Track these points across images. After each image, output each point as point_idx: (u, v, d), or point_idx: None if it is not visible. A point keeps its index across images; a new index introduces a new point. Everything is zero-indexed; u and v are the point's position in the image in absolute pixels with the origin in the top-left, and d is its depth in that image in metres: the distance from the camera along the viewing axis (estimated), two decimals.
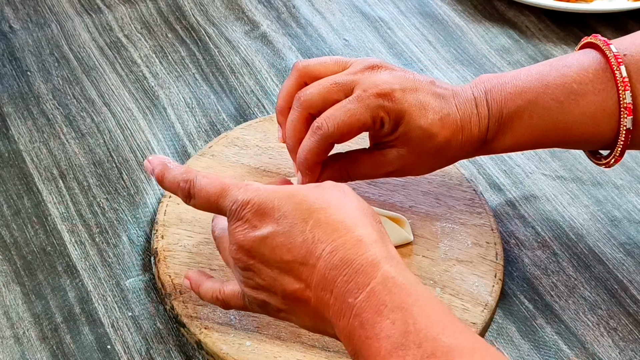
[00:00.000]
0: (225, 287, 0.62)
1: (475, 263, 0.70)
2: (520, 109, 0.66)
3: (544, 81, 0.66)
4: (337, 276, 0.52)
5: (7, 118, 0.82)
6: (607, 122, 0.65)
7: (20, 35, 0.91)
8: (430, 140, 0.66)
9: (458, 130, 0.66)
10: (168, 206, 0.73)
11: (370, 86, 0.64)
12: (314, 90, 0.66)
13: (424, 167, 0.69)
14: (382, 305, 0.50)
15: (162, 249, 0.70)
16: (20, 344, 0.66)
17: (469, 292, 0.68)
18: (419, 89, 0.66)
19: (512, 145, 0.68)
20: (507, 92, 0.67)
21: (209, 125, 0.83)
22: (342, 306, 0.52)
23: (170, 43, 0.92)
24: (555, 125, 0.66)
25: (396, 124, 0.65)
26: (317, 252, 0.53)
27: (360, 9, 0.99)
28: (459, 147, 0.67)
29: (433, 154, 0.67)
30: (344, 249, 0.53)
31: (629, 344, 0.68)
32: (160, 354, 0.66)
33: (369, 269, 0.52)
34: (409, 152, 0.66)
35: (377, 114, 0.64)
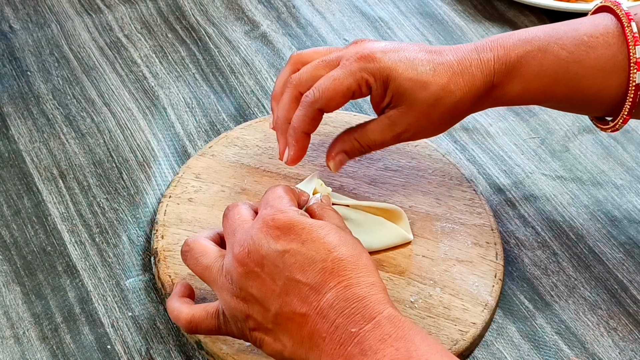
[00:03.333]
0: (195, 309, 0.61)
1: (475, 263, 0.70)
2: (529, 54, 0.66)
3: (554, 32, 0.66)
4: (345, 307, 0.54)
5: (7, 118, 0.82)
6: (616, 76, 0.65)
7: (20, 35, 0.91)
8: (424, 90, 0.66)
9: (456, 75, 0.66)
10: (168, 206, 0.73)
11: (352, 54, 0.67)
12: (303, 69, 0.69)
13: (432, 123, 0.68)
14: (387, 335, 0.53)
15: (162, 249, 0.70)
16: (20, 344, 0.66)
17: (469, 292, 0.68)
18: (403, 49, 0.67)
19: (521, 93, 0.67)
20: (515, 38, 0.67)
21: (209, 125, 0.83)
22: (343, 335, 0.53)
23: (170, 43, 0.92)
24: (564, 75, 0.65)
25: (384, 84, 0.66)
26: (332, 283, 0.55)
27: (360, 9, 0.99)
28: (462, 94, 0.66)
29: (433, 104, 0.66)
30: (359, 286, 0.55)
31: (629, 344, 0.68)
32: (160, 354, 0.66)
33: (378, 306, 0.54)
34: (409, 108, 0.66)
35: (360, 77, 0.66)
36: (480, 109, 0.69)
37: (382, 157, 0.77)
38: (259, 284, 0.56)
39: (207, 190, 0.74)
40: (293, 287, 0.55)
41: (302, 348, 0.55)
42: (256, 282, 0.56)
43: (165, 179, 0.78)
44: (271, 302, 0.56)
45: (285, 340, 0.56)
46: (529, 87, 0.66)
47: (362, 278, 0.55)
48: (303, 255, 0.55)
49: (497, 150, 0.83)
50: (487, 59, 0.66)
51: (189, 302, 0.63)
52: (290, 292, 0.55)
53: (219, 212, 0.68)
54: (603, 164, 0.82)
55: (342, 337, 0.53)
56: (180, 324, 0.61)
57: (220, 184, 0.75)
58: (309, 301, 0.55)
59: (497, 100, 0.68)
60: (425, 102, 0.66)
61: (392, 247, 0.71)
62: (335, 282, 0.55)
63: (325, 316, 0.54)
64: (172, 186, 0.74)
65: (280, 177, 0.76)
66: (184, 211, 0.72)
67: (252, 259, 0.56)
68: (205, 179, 0.75)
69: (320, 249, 0.56)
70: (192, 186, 0.74)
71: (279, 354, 0.57)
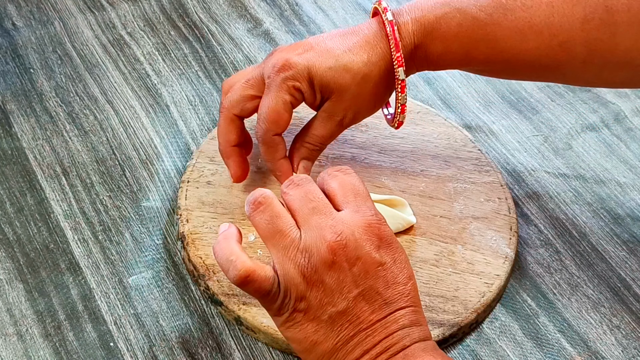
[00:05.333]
0: (257, 265, 0.57)
1: (490, 218, 0.74)
2: (447, 14, 0.67)
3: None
4: (406, 325, 0.57)
5: (10, 115, 0.82)
6: (533, 39, 0.66)
7: (23, 33, 0.91)
8: (347, 72, 0.67)
9: (374, 46, 0.68)
10: (188, 191, 0.74)
11: (270, 69, 0.68)
12: (231, 92, 0.71)
13: (367, 100, 0.69)
14: (430, 350, 0.57)
15: (189, 232, 0.70)
16: (23, 341, 0.66)
17: (488, 246, 0.72)
18: (317, 43, 0.69)
19: (443, 54, 0.68)
20: (434, 1, 0.68)
21: (212, 122, 0.83)
22: (395, 345, 0.56)
23: (173, 40, 0.92)
24: (484, 37, 0.67)
25: (310, 84, 0.68)
26: (404, 304, 0.57)
27: (362, 6, 0.98)
28: (385, 63, 0.67)
29: (361, 83, 0.68)
30: (421, 315, 0.58)
31: (631, 342, 0.68)
32: (162, 351, 0.66)
33: (429, 335, 0.58)
34: (340, 94, 0.68)
35: (287, 88, 0.68)
36: (409, 73, 0.70)
37: (387, 126, 0.78)
38: (339, 279, 0.56)
39: (224, 172, 0.75)
40: (371, 297, 0.56)
41: (343, 348, 0.56)
42: (337, 275, 0.56)
43: (168, 176, 0.78)
44: (341, 299, 0.56)
45: (331, 336, 0.56)
46: (450, 48, 0.68)
47: (422, 310, 0.59)
48: (392, 273, 0.57)
49: (500, 148, 0.83)
50: (404, 22, 0.68)
51: (243, 251, 0.59)
52: (365, 300, 0.56)
53: (239, 192, 0.73)
54: (606, 162, 0.82)
55: (392, 346, 0.56)
56: (233, 273, 0.57)
57: None
58: (378, 312, 0.56)
59: (422, 62, 0.69)
60: (352, 83, 0.67)
61: (397, 232, 0.72)
62: (406, 305, 0.57)
63: (386, 328, 0.56)
64: (189, 171, 0.75)
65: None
66: (204, 194, 0.73)
67: (345, 253, 0.56)
68: (220, 161, 0.76)
69: (404, 273, 0.58)
70: (209, 169, 0.76)
71: (312, 344, 0.57)
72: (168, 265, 0.71)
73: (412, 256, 0.70)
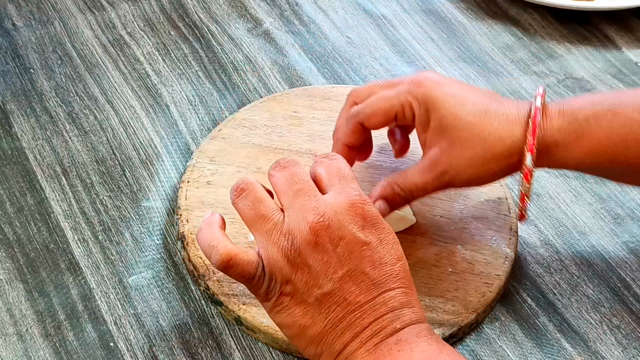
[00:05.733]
0: (239, 249, 0.58)
1: (490, 219, 0.74)
2: (599, 113, 0.62)
3: (623, 95, 0.65)
4: (397, 307, 0.56)
5: (10, 115, 0.82)
6: None
7: (23, 33, 0.91)
8: (468, 129, 0.63)
9: (511, 123, 0.63)
10: (188, 191, 0.74)
11: (408, 79, 0.67)
12: (363, 85, 0.71)
13: (475, 168, 0.64)
14: (424, 334, 0.56)
15: (189, 232, 0.71)
16: (23, 341, 0.66)
17: (488, 246, 0.72)
18: (459, 86, 0.66)
19: (586, 155, 0.63)
20: (583, 99, 0.64)
21: (212, 122, 0.83)
22: (386, 328, 0.56)
23: (173, 40, 0.92)
24: (637, 138, 0.62)
25: (427, 112, 0.65)
26: (393, 285, 0.56)
27: (363, 7, 0.99)
28: (512, 143, 0.63)
29: (478, 147, 0.63)
30: (412, 297, 0.57)
31: (631, 342, 0.68)
32: (163, 351, 0.66)
33: (422, 318, 0.57)
34: (450, 145, 0.64)
35: (405, 99, 0.66)
36: (537, 166, 0.64)
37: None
38: (323, 260, 0.56)
39: (224, 172, 0.75)
40: (357, 277, 0.56)
41: (333, 332, 0.56)
42: (320, 256, 0.56)
43: (168, 176, 0.78)
44: (326, 281, 0.56)
45: (319, 319, 0.56)
46: (597, 149, 0.62)
47: (414, 292, 0.58)
48: (378, 253, 0.56)
49: None
50: (551, 112, 0.63)
51: (226, 236, 0.59)
52: (352, 280, 0.56)
53: None
54: None
55: (383, 329, 0.55)
56: (216, 257, 0.57)
57: (236, 165, 0.76)
58: (366, 294, 0.56)
59: (556, 160, 0.64)
60: (467, 142, 0.63)
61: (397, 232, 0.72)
62: (395, 286, 0.56)
63: (376, 310, 0.56)
64: (189, 171, 0.75)
65: (293, 154, 0.77)
66: (204, 194, 0.73)
67: (328, 234, 0.56)
68: (219, 161, 0.76)
69: (392, 253, 0.57)
70: (208, 169, 0.76)
71: (301, 328, 0.57)
72: (168, 265, 0.71)
73: (412, 256, 0.70)
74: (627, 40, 0.96)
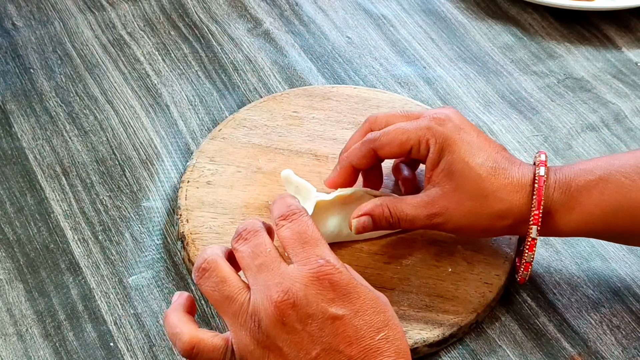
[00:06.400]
0: (201, 335, 0.55)
1: None
2: (590, 183, 0.63)
3: (614, 161, 0.64)
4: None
5: (10, 115, 0.82)
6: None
7: (23, 33, 0.91)
8: (474, 181, 0.64)
9: (513, 187, 0.64)
10: (188, 191, 0.74)
11: (431, 113, 0.66)
12: (381, 112, 0.70)
13: (468, 219, 0.65)
14: None
15: (189, 232, 0.70)
16: (23, 341, 0.66)
17: (488, 246, 0.71)
18: (479, 137, 0.66)
19: (580, 224, 0.64)
20: (576, 168, 0.65)
21: (212, 123, 0.83)
22: None
23: (173, 40, 0.92)
24: (628, 204, 0.63)
25: (441, 152, 0.65)
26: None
27: (363, 7, 0.99)
28: (509, 207, 0.64)
29: (478, 200, 0.64)
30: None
31: (632, 342, 0.68)
32: (162, 351, 0.66)
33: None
34: (452, 190, 0.64)
35: (423, 135, 0.65)
36: (523, 234, 0.66)
37: None
38: (294, 341, 0.52)
39: (224, 172, 0.75)
40: (332, 356, 0.51)
41: None
42: (290, 337, 0.52)
43: (168, 176, 0.78)
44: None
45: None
46: (589, 218, 0.64)
47: None
48: (354, 327, 0.52)
49: None
50: (550, 184, 0.64)
51: (193, 322, 0.56)
52: None
53: (239, 192, 0.73)
54: None
55: None
56: (180, 345, 0.55)
57: (236, 165, 0.76)
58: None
59: (552, 229, 0.65)
60: (469, 192, 0.64)
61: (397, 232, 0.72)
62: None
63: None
64: (189, 171, 0.75)
65: (293, 154, 0.77)
66: (204, 194, 0.73)
67: (295, 313, 0.52)
68: (219, 161, 0.76)
69: (370, 325, 0.52)
70: (209, 169, 0.76)
71: None
72: (168, 265, 0.72)
73: (412, 256, 0.70)
74: (627, 40, 0.96)
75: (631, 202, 0.63)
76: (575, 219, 0.64)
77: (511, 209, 0.64)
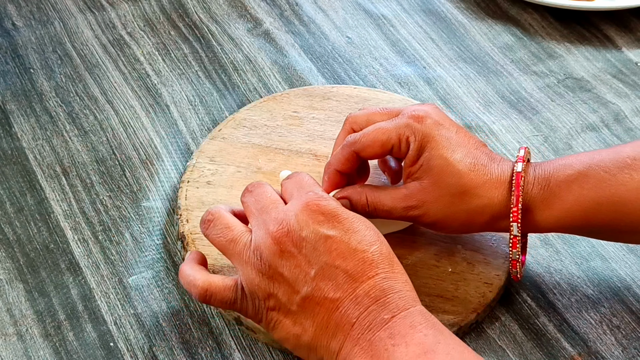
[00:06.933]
0: (213, 278, 0.60)
1: None
2: (569, 178, 0.63)
3: (594, 156, 0.64)
4: (380, 297, 0.55)
5: (10, 115, 0.82)
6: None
7: (23, 33, 0.91)
8: (453, 177, 0.64)
9: (492, 184, 0.64)
10: (188, 191, 0.74)
11: (409, 111, 0.66)
12: (361, 111, 0.70)
13: (445, 213, 0.65)
14: (418, 323, 0.55)
15: (189, 232, 0.71)
16: (23, 341, 0.66)
17: (488, 246, 0.72)
18: (458, 133, 0.66)
19: (560, 219, 0.64)
20: (556, 163, 0.65)
21: (212, 123, 0.83)
22: (374, 321, 0.55)
23: (173, 40, 0.92)
24: (608, 199, 0.62)
25: (421, 148, 0.65)
26: (371, 273, 0.56)
27: (363, 7, 0.99)
28: (488, 203, 0.64)
29: (456, 196, 0.64)
30: (395, 281, 0.56)
31: (632, 342, 0.68)
32: (163, 351, 0.66)
33: (411, 300, 0.56)
34: (431, 185, 0.64)
35: (403, 133, 0.65)
36: (502, 230, 0.66)
37: None
38: (293, 265, 0.56)
39: (224, 172, 0.75)
40: (330, 273, 0.55)
41: (324, 334, 0.56)
42: (289, 262, 0.56)
43: (168, 176, 0.78)
44: (302, 285, 0.56)
45: (308, 324, 0.56)
46: (569, 213, 0.63)
47: (397, 275, 0.57)
48: (346, 243, 0.56)
49: (500, 148, 0.83)
50: (529, 179, 0.64)
51: (204, 270, 0.62)
52: (325, 277, 0.55)
53: (239, 192, 0.73)
54: None
55: (372, 322, 0.54)
56: (195, 290, 0.60)
57: (235, 165, 0.76)
58: (344, 288, 0.55)
59: (532, 225, 0.65)
60: (448, 188, 0.64)
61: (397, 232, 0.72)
62: (373, 273, 0.56)
63: (358, 303, 0.55)
64: (189, 171, 0.75)
65: (293, 153, 0.77)
66: (204, 194, 0.73)
67: (290, 239, 0.56)
68: (219, 161, 0.76)
69: (362, 241, 0.56)
70: (209, 169, 0.76)
71: (296, 337, 0.57)
72: (168, 265, 0.72)
73: (412, 256, 0.70)
74: (627, 40, 0.96)
75: (611, 196, 0.62)
76: (555, 215, 0.64)
77: (489, 205, 0.64)
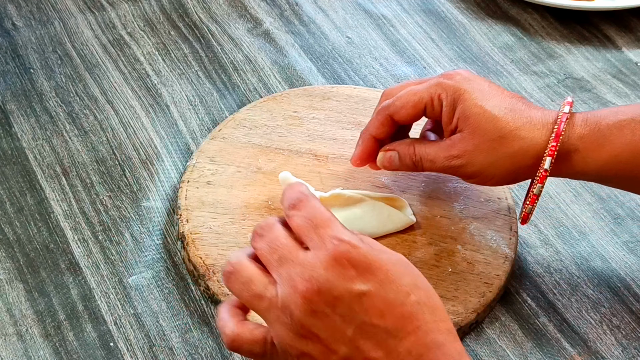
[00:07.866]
0: (242, 329, 0.56)
1: (490, 218, 0.74)
2: (621, 122, 0.63)
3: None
4: (423, 354, 0.51)
5: (10, 115, 0.82)
6: None
7: (23, 33, 0.91)
8: (490, 122, 0.64)
9: (533, 125, 0.64)
10: (188, 191, 0.74)
11: (440, 74, 0.68)
12: (397, 85, 0.71)
13: (489, 161, 0.65)
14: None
15: (189, 232, 0.71)
16: (23, 341, 0.66)
17: (488, 246, 0.72)
18: (490, 85, 0.66)
19: (605, 164, 0.63)
20: (606, 110, 0.65)
21: (212, 123, 0.83)
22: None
23: (173, 40, 0.92)
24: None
25: (454, 103, 0.66)
26: (410, 327, 0.52)
27: (363, 7, 0.99)
28: (531, 144, 0.64)
29: (496, 140, 0.64)
30: (438, 333, 0.52)
31: (631, 342, 0.68)
32: (162, 351, 0.66)
33: (456, 354, 0.52)
34: (470, 134, 0.65)
35: (434, 91, 0.66)
36: (555, 174, 0.65)
37: None
38: (328, 325, 0.52)
39: (224, 172, 0.75)
40: (368, 332, 0.51)
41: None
42: (323, 323, 0.52)
43: (168, 176, 0.78)
44: (339, 345, 0.52)
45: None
46: (617, 157, 0.63)
47: (439, 324, 0.52)
48: (382, 298, 0.51)
49: None
50: (576, 120, 0.64)
51: (240, 315, 0.57)
52: (364, 336, 0.52)
53: (239, 192, 0.73)
54: None
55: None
56: (224, 339, 0.56)
57: (236, 165, 0.76)
58: (384, 346, 0.52)
59: (575, 167, 0.64)
60: (486, 134, 0.64)
61: (397, 232, 0.72)
62: (413, 327, 0.52)
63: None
64: (189, 171, 0.75)
65: (293, 154, 0.77)
66: (204, 194, 0.73)
67: (322, 299, 0.52)
68: (219, 161, 0.76)
69: (398, 292, 0.52)
70: (209, 169, 0.76)
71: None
72: (168, 265, 0.72)
73: (412, 256, 0.70)
74: (627, 40, 0.96)
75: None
76: (603, 158, 0.63)
77: (532, 146, 0.64)
